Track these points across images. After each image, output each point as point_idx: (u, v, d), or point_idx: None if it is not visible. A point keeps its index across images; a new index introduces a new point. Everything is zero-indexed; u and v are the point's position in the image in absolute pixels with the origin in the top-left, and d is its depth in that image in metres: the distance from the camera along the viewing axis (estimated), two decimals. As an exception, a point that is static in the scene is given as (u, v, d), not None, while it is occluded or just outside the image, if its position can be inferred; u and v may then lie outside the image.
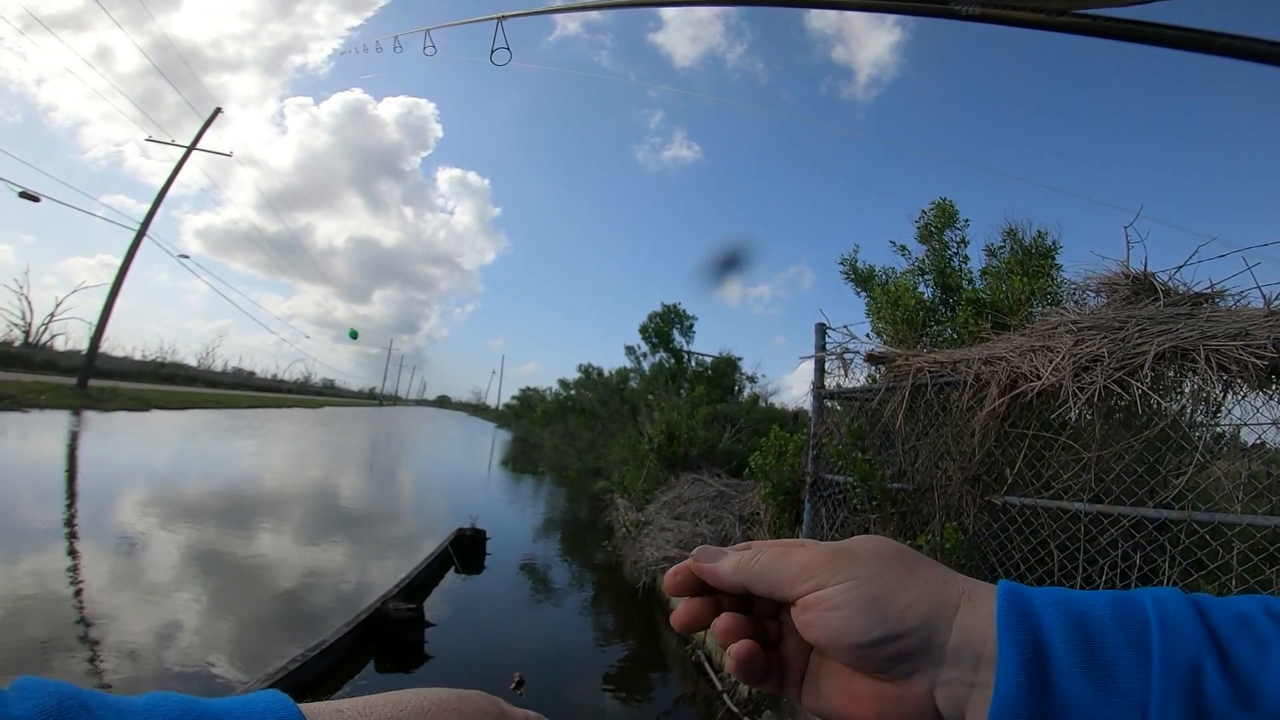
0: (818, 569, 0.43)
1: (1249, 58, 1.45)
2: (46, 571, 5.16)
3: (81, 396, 22.64)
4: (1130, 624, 0.37)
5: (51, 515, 7.22)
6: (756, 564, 0.45)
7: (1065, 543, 2.77)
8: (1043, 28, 1.65)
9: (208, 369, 67.64)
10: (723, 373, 14.08)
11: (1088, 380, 2.73)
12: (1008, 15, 1.68)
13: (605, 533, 9.24)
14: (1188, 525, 2.38)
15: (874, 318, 5.25)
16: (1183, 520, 2.40)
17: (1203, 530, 2.35)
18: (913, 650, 0.40)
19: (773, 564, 0.45)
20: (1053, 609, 0.38)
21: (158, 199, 28.61)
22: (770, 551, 0.46)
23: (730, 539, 5.86)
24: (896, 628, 0.40)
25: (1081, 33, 1.64)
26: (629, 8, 3.72)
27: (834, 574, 0.42)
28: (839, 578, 0.42)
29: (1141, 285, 3.18)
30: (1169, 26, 1.54)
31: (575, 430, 17.14)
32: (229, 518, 8.12)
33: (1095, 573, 2.63)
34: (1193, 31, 1.51)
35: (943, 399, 3.65)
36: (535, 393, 35.04)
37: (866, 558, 0.43)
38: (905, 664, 0.40)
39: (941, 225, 5.65)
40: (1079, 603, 0.39)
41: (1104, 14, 1.60)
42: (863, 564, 0.42)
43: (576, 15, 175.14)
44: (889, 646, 0.40)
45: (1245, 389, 2.38)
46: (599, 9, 4.46)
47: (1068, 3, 1.64)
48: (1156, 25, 1.56)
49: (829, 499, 4.42)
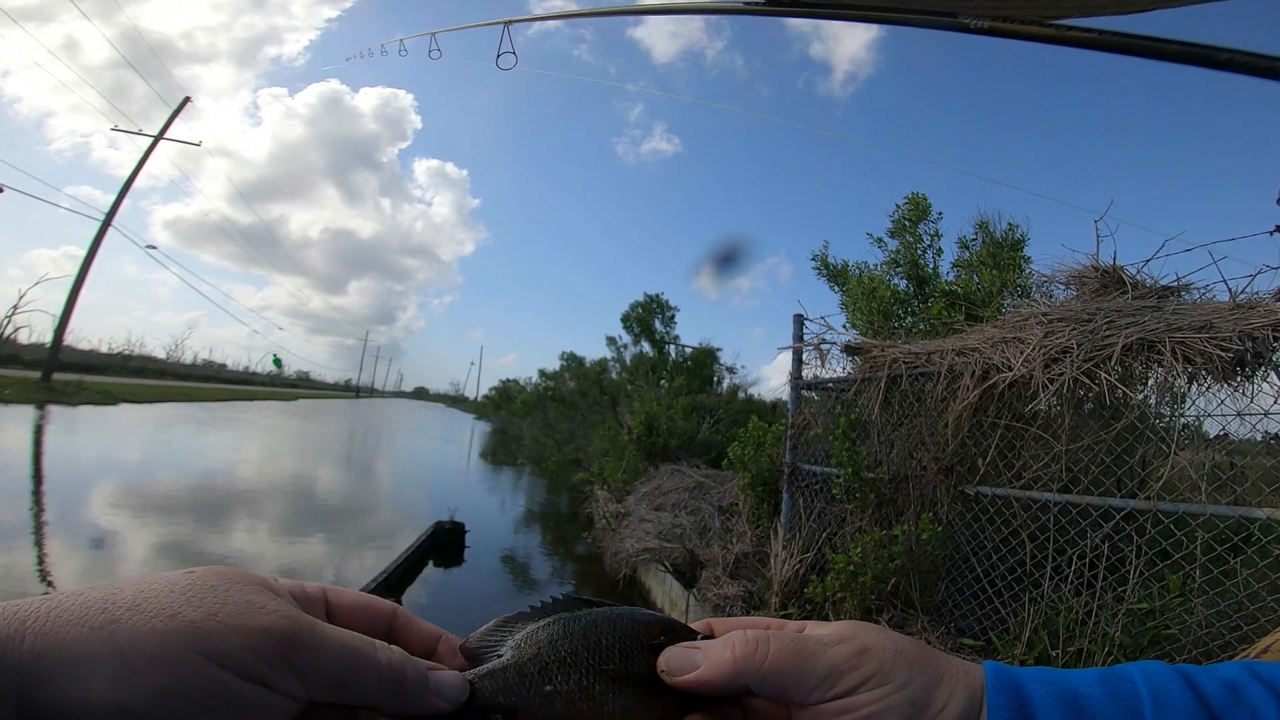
0: (843, 674, 0.40)
1: (1251, 73, 1.47)
2: (14, 568, 5.03)
3: (46, 391, 22.05)
4: (1120, 697, 0.37)
5: (17, 513, 7.03)
6: (766, 664, 0.40)
7: (1035, 532, 2.82)
8: (1048, 41, 1.68)
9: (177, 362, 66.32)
10: (702, 364, 14.12)
11: (1057, 371, 2.77)
12: (1015, 29, 1.70)
13: (585, 524, 9.24)
14: (1153, 515, 2.43)
15: (850, 310, 5.29)
16: (1148, 510, 2.45)
17: (1168, 520, 2.40)
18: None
19: (785, 664, 0.40)
20: (1042, 687, 0.38)
21: (124, 188, 27.87)
22: (781, 647, 0.41)
23: (709, 529, 5.89)
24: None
25: (1085, 47, 1.66)
26: (637, 15, 3.70)
27: (862, 680, 0.40)
28: (870, 684, 0.39)
29: (1110, 278, 3.24)
30: (1172, 41, 1.56)
31: (555, 421, 17.08)
32: (202, 513, 7.97)
33: (1064, 562, 2.68)
34: (1195, 46, 1.52)
35: (917, 389, 3.68)
36: (515, 384, 34.84)
37: (894, 658, 0.40)
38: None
39: (915, 218, 5.71)
40: (1068, 681, 0.39)
41: (1108, 29, 1.62)
42: (893, 667, 0.40)
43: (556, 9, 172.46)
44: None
45: (1210, 381, 2.43)
46: (607, 15, 4.42)
47: (1069, 11, 1.68)
48: (1160, 40, 1.57)
49: (806, 489, 4.45)
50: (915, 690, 0.39)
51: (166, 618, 0.33)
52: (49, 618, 0.31)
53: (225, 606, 0.35)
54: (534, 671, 0.41)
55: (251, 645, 0.34)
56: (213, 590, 0.35)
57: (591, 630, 0.43)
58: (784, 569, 4.21)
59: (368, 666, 0.38)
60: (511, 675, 0.41)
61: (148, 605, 0.33)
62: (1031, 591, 2.73)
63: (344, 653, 0.37)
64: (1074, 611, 2.51)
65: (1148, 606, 2.35)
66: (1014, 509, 2.96)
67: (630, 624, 0.44)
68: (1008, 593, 2.88)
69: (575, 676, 0.41)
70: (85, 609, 0.32)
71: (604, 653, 0.42)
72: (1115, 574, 2.51)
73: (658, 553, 5.75)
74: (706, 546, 5.46)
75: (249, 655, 0.34)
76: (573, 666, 0.41)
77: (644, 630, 0.44)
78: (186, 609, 0.34)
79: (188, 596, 0.34)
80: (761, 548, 4.99)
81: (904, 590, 3.26)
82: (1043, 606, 2.65)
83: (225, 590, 0.36)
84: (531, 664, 0.42)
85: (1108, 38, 1.63)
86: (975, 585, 3.06)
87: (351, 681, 0.37)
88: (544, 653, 0.42)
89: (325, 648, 0.37)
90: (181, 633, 0.33)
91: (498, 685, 0.41)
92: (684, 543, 5.65)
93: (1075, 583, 2.60)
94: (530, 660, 0.42)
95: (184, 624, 0.33)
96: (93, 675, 0.31)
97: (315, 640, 0.36)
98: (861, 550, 3.34)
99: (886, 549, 3.26)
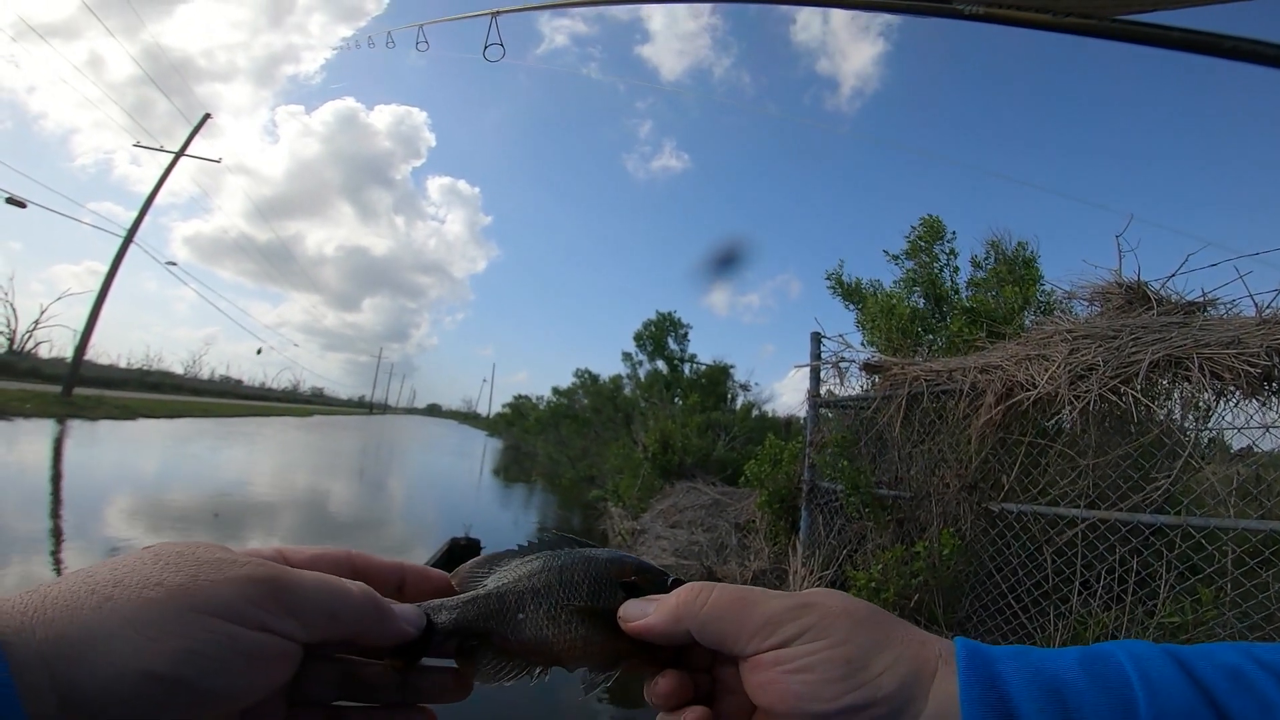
0: (781, 623, 0.38)
1: (1257, 61, 1.41)
2: (33, 577, 5.10)
3: (66, 405, 22.34)
4: (1110, 688, 0.33)
5: (37, 523, 7.12)
6: (705, 609, 0.40)
7: (1063, 548, 2.81)
8: (1046, 28, 1.61)
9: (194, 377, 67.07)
10: (716, 381, 14.12)
11: (1083, 388, 2.77)
12: (1011, 15, 1.64)
13: (600, 541, 9.20)
14: (1183, 530, 2.42)
15: (868, 328, 5.30)
16: (1178, 525, 2.44)
17: (1198, 535, 2.38)
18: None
19: (724, 611, 0.40)
20: (1020, 675, 0.35)
21: (145, 204, 28.35)
22: (721, 594, 0.40)
23: (726, 546, 5.87)
24: (870, 694, 0.35)
25: (1086, 34, 1.59)
26: (624, 4, 3.73)
27: (800, 631, 0.37)
28: (807, 636, 0.37)
29: (1135, 294, 3.24)
30: (1175, 29, 1.50)
31: (568, 438, 17.09)
32: (218, 525, 8.03)
33: (1093, 577, 2.66)
34: (1200, 34, 1.47)
35: (938, 407, 3.68)
36: (527, 401, 34.94)
37: (837, 615, 0.38)
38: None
39: (930, 240, 5.75)
40: (1047, 665, 0.35)
41: (1108, 15, 1.57)
42: (833, 622, 0.38)
43: (565, 28, 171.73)
44: (858, 715, 0.35)
45: (1238, 396, 2.43)
46: (593, 5, 4.45)
47: (1072, 3, 1.60)
48: (1163, 27, 1.52)
49: (826, 506, 4.44)
50: (852, 649, 0.36)
51: (154, 585, 0.33)
52: (46, 607, 0.32)
53: (201, 568, 0.35)
54: (511, 600, 0.45)
55: (243, 593, 0.35)
56: (181, 556, 0.36)
57: (567, 567, 0.47)
58: (804, 586, 4.19)
59: (347, 594, 0.39)
60: (492, 602, 0.45)
61: (130, 580, 0.34)
62: (1059, 606, 2.71)
63: (323, 585, 0.39)
64: (1103, 626, 2.49)
65: (1179, 620, 2.33)
66: (1040, 525, 2.94)
67: (604, 564, 0.47)
68: (1034, 608, 2.86)
69: (545, 607, 0.45)
70: (73, 594, 0.33)
71: (574, 588, 0.46)
72: (1145, 589, 2.49)
73: (674, 570, 5.72)
74: (724, 564, 5.45)
75: (244, 604, 0.35)
76: (544, 597, 0.45)
77: (616, 569, 0.47)
78: (169, 575, 0.34)
79: (161, 565, 0.35)
80: (779, 565, 4.97)
81: (927, 606, 3.24)
82: (1071, 621, 2.63)
83: (193, 555, 0.36)
84: (509, 593, 0.46)
85: (1108, 25, 1.56)
86: (1000, 601, 3.04)
87: (340, 610, 0.39)
88: (520, 584, 0.46)
89: (306, 583, 0.38)
90: (175, 596, 0.33)
91: (478, 610, 0.45)
92: (701, 560, 5.63)
93: (1105, 597, 2.58)
94: (508, 590, 0.46)
95: (174, 588, 0.34)
96: (114, 649, 0.31)
97: (295, 579, 0.38)
98: (883, 567, 3.33)
99: (908, 565, 3.25)
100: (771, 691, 0.37)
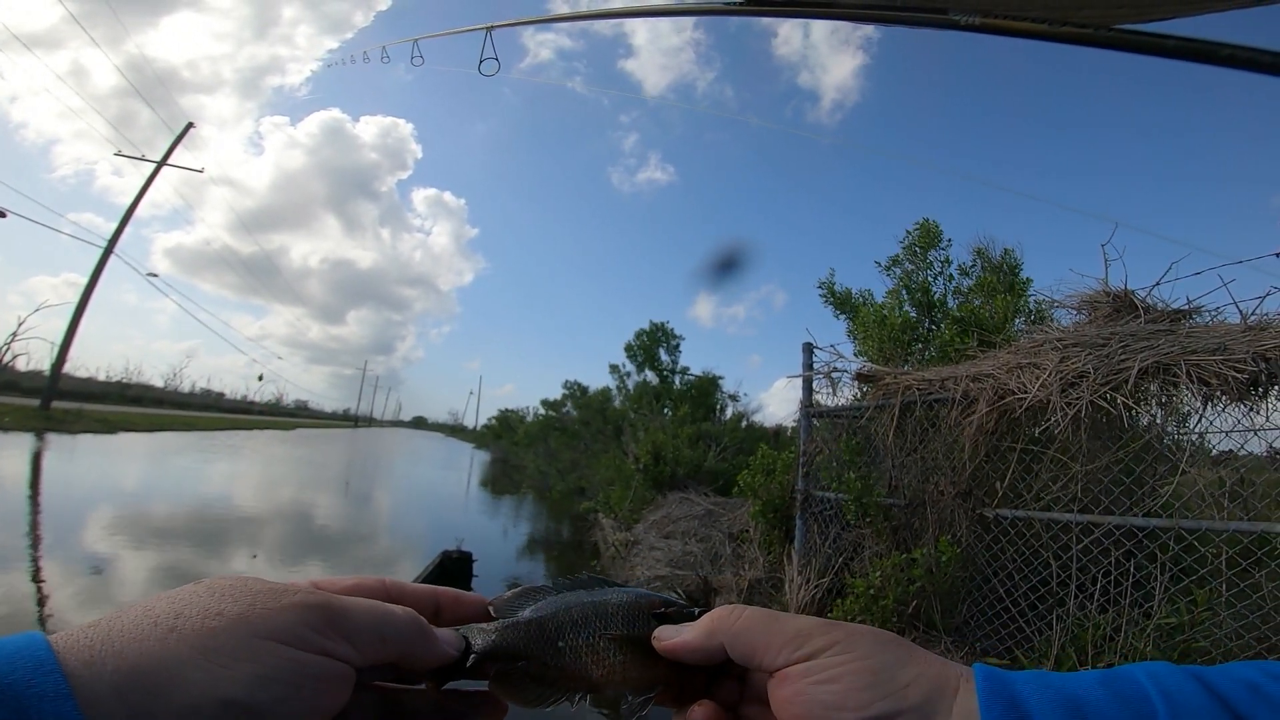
0: (810, 636, 0.40)
1: (1253, 69, 1.42)
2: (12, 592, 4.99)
3: (45, 418, 21.95)
4: (1129, 702, 0.34)
5: (16, 539, 6.98)
6: (738, 623, 0.43)
7: (1058, 552, 2.85)
8: (1042, 38, 1.61)
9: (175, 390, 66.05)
10: (706, 392, 14.17)
11: (1074, 395, 2.83)
12: (1007, 25, 1.65)
13: (591, 553, 9.18)
14: (1175, 532, 2.47)
15: (860, 337, 5.36)
16: (1170, 528, 2.49)
17: (1190, 537, 2.44)
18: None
19: (756, 624, 0.42)
20: (1039, 693, 0.36)
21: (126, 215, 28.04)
22: (754, 612, 0.43)
23: (721, 556, 5.88)
24: (898, 704, 0.37)
25: (1083, 44, 1.59)
26: (615, 18, 3.78)
27: (828, 644, 0.40)
28: (835, 649, 0.39)
29: (1122, 302, 3.32)
30: (1172, 36, 1.51)
31: (557, 450, 17.04)
32: (203, 540, 7.89)
33: (1089, 580, 2.71)
34: (1197, 41, 1.47)
35: (931, 415, 3.73)
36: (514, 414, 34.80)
37: (863, 633, 0.40)
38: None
39: (926, 245, 5.81)
40: (1066, 685, 0.36)
41: (1104, 24, 1.58)
42: (860, 639, 0.40)
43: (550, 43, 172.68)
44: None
45: (1225, 401, 2.49)
46: (587, 19, 4.51)
47: (1067, 13, 1.63)
48: (1160, 35, 1.53)
49: (820, 515, 4.47)
50: (878, 662, 0.38)
51: (215, 615, 0.34)
52: (113, 638, 0.32)
53: (257, 597, 0.36)
54: (550, 628, 0.49)
55: (301, 618, 0.36)
56: (234, 588, 0.37)
57: (602, 600, 0.51)
58: (800, 594, 4.21)
59: (395, 618, 0.41)
60: (533, 629, 0.49)
61: (190, 611, 0.34)
62: (1057, 610, 2.75)
63: (372, 609, 0.40)
64: (1101, 628, 2.53)
65: (1175, 621, 2.38)
66: (1034, 530, 2.99)
67: (637, 597, 0.52)
68: (1031, 612, 2.90)
69: (584, 635, 0.49)
70: (137, 626, 0.33)
71: (609, 618, 0.50)
72: (1141, 590, 2.54)
73: (670, 580, 5.72)
74: (719, 573, 5.45)
75: (304, 629, 0.36)
76: (582, 627, 0.49)
77: (649, 602, 0.52)
78: (228, 605, 0.35)
79: (218, 596, 0.36)
80: (775, 573, 4.98)
81: (926, 612, 3.27)
82: (1069, 624, 2.67)
83: (245, 586, 0.37)
84: (549, 620, 0.49)
85: (1104, 34, 1.56)
86: (997, 605, 3.08)
87: (389, 632, 0.40)
88: (560, 614, 0.50)
89: (357, 608, 0.39)
90: (238, 624, 0.34)
91: (518, 636, 0.48)
92: (696, 570, 5.63)
93: (1101, 600, 2.63)
94: (548, 618, 0.49)
95: (235, 616, 0.34)
96: (190, 678, 0.31)
97: (347, 604, 0.39)
98: (881, 574, 3.36)
99: (906, 572, 3.28)
100: (799, 703, 0.39)
